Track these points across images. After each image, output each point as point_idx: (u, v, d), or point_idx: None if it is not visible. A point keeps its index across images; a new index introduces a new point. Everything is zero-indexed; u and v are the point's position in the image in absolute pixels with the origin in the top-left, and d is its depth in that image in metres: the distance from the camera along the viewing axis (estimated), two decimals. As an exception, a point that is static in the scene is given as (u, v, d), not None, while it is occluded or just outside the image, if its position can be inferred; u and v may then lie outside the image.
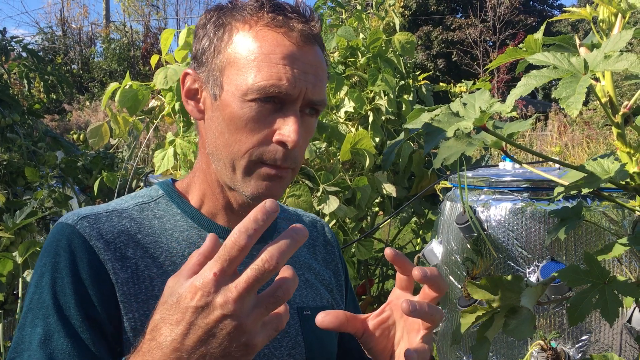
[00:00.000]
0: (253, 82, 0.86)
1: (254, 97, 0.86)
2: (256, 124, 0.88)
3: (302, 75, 0.87)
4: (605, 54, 0.85)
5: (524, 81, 0.89)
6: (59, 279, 0.85)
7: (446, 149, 1.10)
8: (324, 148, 2.14)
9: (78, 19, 23.46)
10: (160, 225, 0.94)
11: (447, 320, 1.79)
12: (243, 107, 0.87)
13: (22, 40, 3.26)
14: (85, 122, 10.46)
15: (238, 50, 0.88)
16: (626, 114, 0.96)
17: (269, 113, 0.88)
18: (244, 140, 0.88)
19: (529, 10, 24.71)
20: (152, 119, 2.41)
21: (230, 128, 0.89)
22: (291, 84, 0.86)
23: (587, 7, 0.99)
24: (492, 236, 1.55)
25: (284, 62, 0.86)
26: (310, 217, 1.17)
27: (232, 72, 0.89)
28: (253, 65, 0.87)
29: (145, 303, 0.87)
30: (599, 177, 0.97)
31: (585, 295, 1.02)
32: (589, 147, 9.76)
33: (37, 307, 0.84)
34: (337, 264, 1.14)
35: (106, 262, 0.86)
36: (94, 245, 0.87)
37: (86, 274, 0.85)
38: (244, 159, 0.89)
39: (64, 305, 0.84)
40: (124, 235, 0.90)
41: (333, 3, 2.65)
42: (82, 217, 0.90)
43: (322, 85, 0.92)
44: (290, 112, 0.88)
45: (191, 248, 0.93)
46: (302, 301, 1.02)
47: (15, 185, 2.73)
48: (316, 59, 0.91)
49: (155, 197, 0.99)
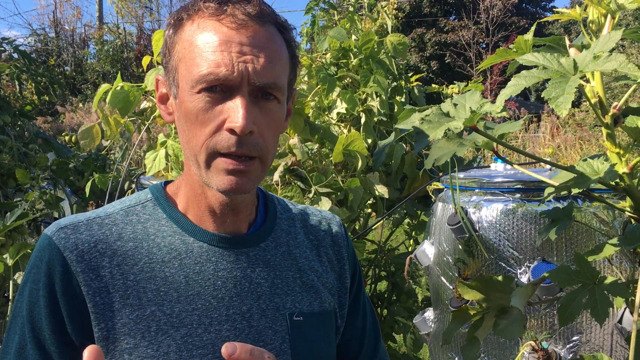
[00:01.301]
0: (195, 73, 0.86)
1: (199, 88, 0.86)
2: (206, 114, 0.87)
3: (240, 58, 0.85)
4: (594, 54, 0.85)
5: (513, 81, 0.89)
6: (35, 291, 0.88)
7: (437, 150, 1.10)
8: (316, 149, 2.14)
9: (71, 21, 23.38)
10: (144, 230, 0.94)
11: (439, 321, 1.79)
12: (192, 100, 0.87)
13: (13, 42, 3.24)
14: (78, 123, 10.42)
15: (185, 46, 0.89)
16: (616, 114, 0.97)
17: (216, 102, 0.87)
18: (199, 134, 0.88)
19: (521, 13, 24.80)
20: (143, 120, 2.40)
21: (188, 124, 0.89)
22: (229, 69, 0.84)
23: (577, 8, 1.00)
24: (484, 237, 1.55)
25: (221, 48, 0.85)
26: (319, 215, 1.13)
27: (182, 68, 0.89)
28: (195, 57, 0.87)
29: (119, 312, 0.87)
30: (588, 178, 0.97)
31: (575, 295, 1.02)
32: (582, 149, 9.80)
33: (18, 316, 0.89)
34: (344, 265, 1.11)
35: (78, 274, 0.87)
36: (67, 257, 0.88)
37: (58, 286, 0.87)
38: (202, 153, 0.88)
39: (36, 317, 0.87)
40: (101, 244, 0.90)
41: (326, 5, 2.65)
42: (61, 227, 0.91)
43: (273, 66, 0.88)
44: (236, 97, 0.86)
45: (172, 254, 0.92)
46: (295, 306, 0.99)
47: (6, 187, 2.72)
48: (261, 39, 0.87)
49: (143, 200, 0.98)
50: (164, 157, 2.11)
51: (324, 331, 1.02)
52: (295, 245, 1.05)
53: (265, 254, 0.99)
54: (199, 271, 0.92)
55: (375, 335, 1.18)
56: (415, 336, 2.53)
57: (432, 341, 1.83)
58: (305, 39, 2.79)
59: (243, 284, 0.95)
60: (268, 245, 1.01)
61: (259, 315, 0.95)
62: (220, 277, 0.93)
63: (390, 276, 2.66)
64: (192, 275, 0.92)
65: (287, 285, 1.00)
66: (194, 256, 0.93)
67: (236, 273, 0.95)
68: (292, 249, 1.03)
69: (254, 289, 0.95)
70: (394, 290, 2.65)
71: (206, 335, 0.89)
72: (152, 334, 0.87)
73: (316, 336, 1.00)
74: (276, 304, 0.97)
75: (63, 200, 2.74)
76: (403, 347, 2.74)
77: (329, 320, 1.04)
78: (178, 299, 0.89)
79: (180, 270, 0.91)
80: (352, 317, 1.13)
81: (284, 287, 0.99)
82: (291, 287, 1.00)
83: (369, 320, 1.17)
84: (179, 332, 0.88)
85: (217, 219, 0.96)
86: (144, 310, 0.88)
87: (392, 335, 2.64)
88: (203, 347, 0.89)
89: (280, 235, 1.04)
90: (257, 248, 0.99)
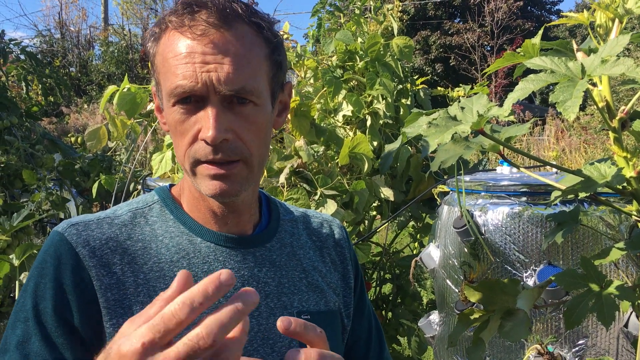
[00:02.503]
0: (167, 87, 0.87)
1: (172, 101, 0.87)
2: (182, 125, 0.88)
3: (203, 68, 0.84)
4: (602, 58, 0.85)
5: (521, 85, 0.89)
6: (42, 285, 0.88)
7: (444, 152, 1.10)
8: (322, 152, 2.14)
9: (76, 22, 23.44)
10: (151, 231, 0.95)
11: (444, 324, 1.79)
12: (170, 112, 0.89)
13: (20, 43, 3.25)
14: (83, 125, 10.44)
15: (160, 60, 0.90)
16: (623, 118, 0.97)
17: (191, 112, 0.87)
18: (180, 144, 0.90)
19: (526, 16, 24.76)
20: (150, 122, 2.41)
21: (172, 134, 0.92)
22: (193, 81, 0.84)
23: (584, 12, 1.00)
24: (490, 240, 1.55)
25: (185, 61, 0.85)
26: (320, 217, 1.15)
27: (161, 81, 0.90)
28: (166, 71, 0.88)
29: (130, 308, 0.88)
30: (596, 182, 0.97)
31: (581, 299, 1.02)
32: (587, 152, 9.77)
33: (20, 311, 0.88)
34: (347, 265, 1.12)
35: (90, 269, 0.88)
36: (79, 252, 0.89)
37: (69, 279, 0.87)
38: (186, 162, 0.90)
39: (42, 310, 0.87)
40: (112, 242, 0.91)
41: (332, 7, 2.66)
42: (72, 224, 0.92)
43: (240, 71, 0.86)
44: (207, 107, 0.86)
45: (180, 254, 0.94)
46: (302, 305, 1.00)
47: (12, 188, 2.73)
48: (222, 46, 0.85)
49: (150, 202, 1.00)
50: (171, 159, 2.12)
51: (331, 330, 1.03)
52: (299, 246, 1.06)
53: (270, 254, 1.00)
54: (207, 270, 0.93)
55: (379, 337, 1.19)
56: (420, 339, 2.53)
57: (437, 344, 1.83)
58: (311, 42, 2.79)
59: (251, 283, 0.96)
60: (273, 245, 1.02)
61: (267, 314, 0.96)
62: None
63: (395, 279, 2.66)
64: (201, 274, 0.93)
65: (294, 284, 1.01)
66: (201, 256, 0.94)
67: (244, 272, 0.96)
68: (296, 250, 1.05)
69: (261, 288, 0.97)
70: (398, 293, 2.65)
71: None
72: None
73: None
74: (283, 302, 0.98)
75: (69, 201, 2.75)
76: (407, 350, 2.74)
77: (335, 319, 1.05)
78: None
79: (188, 269, 0.91)
80: (357, 317, 1.14)
81: (291, 287, 1.00)
82: (297, 287, 1.01)
83: (373, 322, 1.19)
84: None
85: (219, 220, 0.97)
86: None
87: (397, 338, 2.64)
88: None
89: (284, 237, 1.05)
90: (263, 248, 1.00)
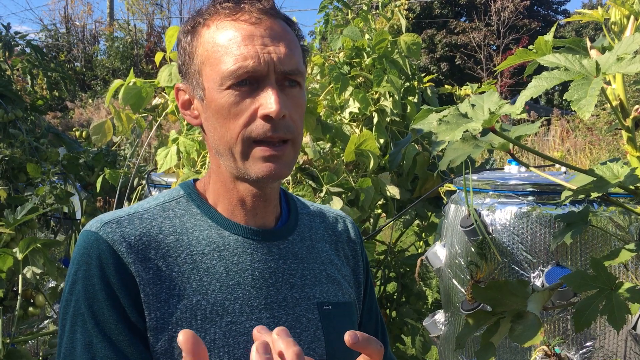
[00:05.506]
0: (223, 70, 0.92)
1: (228, 84, 0.92)
2: (238, 107, 0.93)
3: (264, 49, 0.92)
4: (617, 56, 0.84)
5: (534, 82, 0.88)
6: (90, 286, 0.90)
7: (453, 151, 1.09)
8: (328, 148, 2.13)
9: (82, 17, 23.49)
10: (181, 224, 0.99)
11: (449, 324, 1.77)
12: (223, 96, 0.93)
13: (26, 36, 3.24)
14: (87, 119, 10.45)
15: (207, 48, 0.95)
16: (637, 117, 0.95)
17: (247, 95, 0.93)
18: (233, 127, 0.93)
19: (533, 15, 24.69)
20: (155, 117, 2.40)
21: (220, 120, 0.95)
22: (256, 60, 0.91)
23: (599, 9, 0.98)
24: (497, 240, 1.54)
25: (245, 43, 0.92)
26: (334, 213, 1.19)
27: (207, 70, 0.95)
28: (219, 56, 0.93)
29: (166, 302, 0.91)
30: (608, 182, 0.95)
31: (591, 301, 1.01)
32: (592, 153, 9.75)
33: (74, 315, 0.90)
34: (358, 261, 1.16)
35: (130, 265, 0.91)
36: (117, 250, 0.91)
37: (114, 278, 0.90)
38: (238, 145, 0.94)
39: (98, 311, 0.89)
40: (146, 237, 0.94)
41: (339, 3, 2.64)
42: (105, 222, 0.94)
43: (292, 54, 0.95)
44: (266, 86, 0.92)
45: (211, 246, 0.97)
46: (323, 296, 1.04)
47: (16, 181, 2.72)
48: (277, 31, 0.95)
49: (176, 197, 1.03)
50: (176, 154, 2.11)
51: (349, 320, 1.07)
52: (317, 239, 1.10)
53: (293, 247, 1.05)
54: (237, 262, 0.97)
55: (383, 335, 1.22)
56: (424, 338, 2.52)
57: (442, 344, 1.82)
58: (318, 38, 2.78)
59: (277, 274, 1.00)
60: (295, 238, 1.06)
61: (294, 304, 1.00)
62: (257, 268, 0.98)
63: (399, 277, 2.65)
64: (231, 266, 0.97)
65: (315, 276, 1.05)
66: (231, 248, 0.98)
67: (270, 264, 1.00)
68: (314, 243, 1.09)
69: (287, 279, 1.01)
70: (403, 292, 2.64)
71: (248, 322, 0.95)
72: (199, 322, 0.92)
73: (343, 324, 1.04)
74: (307, 293, 1.02)
75: (73, 195, 2.74)
76: (411, 349, 2.73)
77: (352, 310, 1.09)
78: (220, 289, 0.95)
79: (220, 261, 0.97)
80: (366, 313, 1.17)
81: (312, 278, 1.04)
82: (318, 279, 1.05)
83: (379, 320, 1.22)
84: (223, 320, 0.93)
85: (248, 211, 1.01)
86: (189, 299, 0.92)
87: (401, 337, 2.63)
88: (246, 334, 0.93)
89: (304, 230, 1.09)
90: (286, 241, 1.04)
